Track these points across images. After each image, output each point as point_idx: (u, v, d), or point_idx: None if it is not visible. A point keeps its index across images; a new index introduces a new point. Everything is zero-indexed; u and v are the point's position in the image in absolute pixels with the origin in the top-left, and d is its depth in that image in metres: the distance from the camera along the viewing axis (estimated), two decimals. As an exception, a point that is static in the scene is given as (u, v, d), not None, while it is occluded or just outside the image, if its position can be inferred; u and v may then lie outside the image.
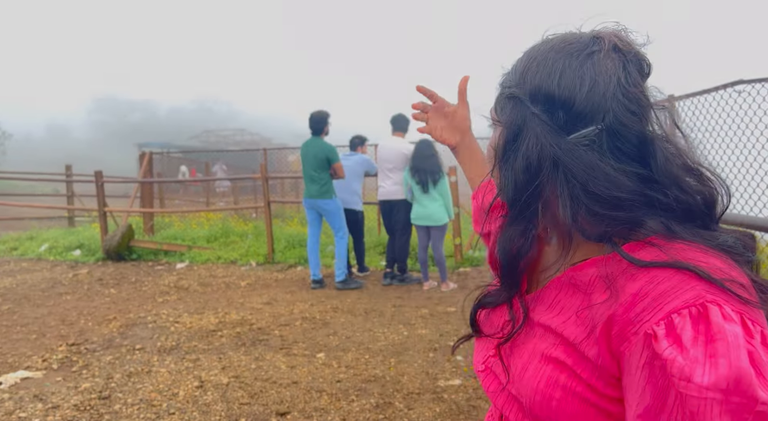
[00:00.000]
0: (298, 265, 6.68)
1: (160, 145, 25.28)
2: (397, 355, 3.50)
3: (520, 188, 0.61)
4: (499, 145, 0.64)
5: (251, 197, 15.10)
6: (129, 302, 4.92)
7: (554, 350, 0.59)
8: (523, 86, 0.62)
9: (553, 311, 0.62)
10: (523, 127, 0.61)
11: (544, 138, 0.59)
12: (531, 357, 0.61)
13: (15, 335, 3.95)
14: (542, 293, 0.65)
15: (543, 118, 0.59)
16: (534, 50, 0.64)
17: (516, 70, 0.65)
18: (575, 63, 0.59)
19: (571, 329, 0.58)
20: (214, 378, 3.10)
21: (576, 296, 0.60)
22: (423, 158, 5.25)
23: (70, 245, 7.89)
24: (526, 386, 0.60)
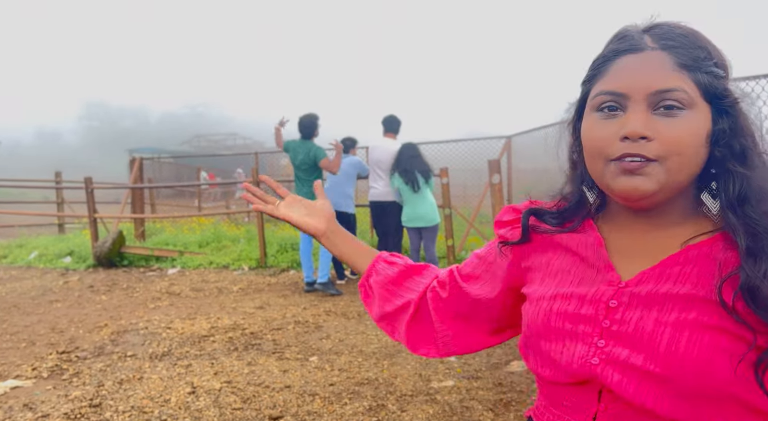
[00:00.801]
0: (290, 269, 6.66)
1: (151, 150, 25.16)
2: (390, 357, 3.50)
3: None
4: (711, 127, 0.68)
5: (243, 201, 15.05)
6: (120, 309, 4.89)
7: (709, 318, 0.62)
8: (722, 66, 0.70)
9: (687, 281, 0.66)
10: (734, 107, 0.70)
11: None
12: (677, 329, 0.63)
13: (4, 344, 3.91)
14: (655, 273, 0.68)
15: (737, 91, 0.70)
16: (694, 34, 0.70)
17: (705, 47, 0.68)
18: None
19: (711, 291, 0.63)
20: (206, 384, 3.08)
21: (711, 264, 0.65)
22: (409, 159, 5.28)
23: (60, 252, 7.83)
24: (682, 358, 0.61)
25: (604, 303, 0.69)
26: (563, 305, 0.73)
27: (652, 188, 0.64)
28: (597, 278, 0.72)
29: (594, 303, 0.70)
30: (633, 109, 0.65)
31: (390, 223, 5.68)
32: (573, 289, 0.73)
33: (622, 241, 0.74)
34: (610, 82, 0.67)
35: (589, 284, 0.72)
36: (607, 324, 0.68)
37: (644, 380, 0.63)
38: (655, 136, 0.64)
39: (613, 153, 0.65)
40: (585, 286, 0.73)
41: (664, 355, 0.62)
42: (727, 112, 0.65)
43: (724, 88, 0.66)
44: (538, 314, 0.75)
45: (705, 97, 0.65)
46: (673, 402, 0.62)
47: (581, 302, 0.71)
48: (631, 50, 0.67)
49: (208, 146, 38.22)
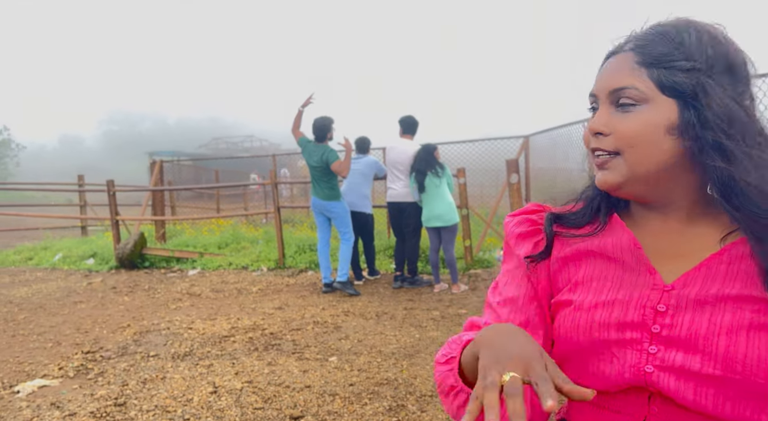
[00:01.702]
0: (308, 269, 6.71)
1: (170, 153, 25.49)
2: (409, 357, 3.50)
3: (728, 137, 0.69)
4: (680, 119, 0.68)
5: (261, 203, 15.19)
6: (142, 310, 4.97)
7: (763, 317, 0.62)
8: (702, 60, 0.68)
9: (735, 282, 0.65)
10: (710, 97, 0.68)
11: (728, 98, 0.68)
12: (734, 330, 0.62)
13: (31, 344, 4.00)
14: (700, 274, 0.67)
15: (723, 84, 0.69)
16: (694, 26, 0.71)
17: (680, 42, 0.68)
18: (730, 38, 0.71)
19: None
20: (227, 383, 3.12)
21: (753, 264, 0.64)
22: (419, 160, 5.34)
23: (83, 254, 7.98)
24: (744, 359, 0.60)
25: (651, 308, 0.67)
26: (605, 313, 0.70)
27: (617, 180, 0.69)
28: (638, 281, 0.70)
29: (640, 308, 0.68)
30: (600, 107, 0.71)
31: (408, 224, 5.68)
32: (614, 295, 0.70)
33: (653, 241, 0.73)
34: (592, 86, 0.74)
35: (630, 289, 0.70)
36: (657, 329, 0.66)
37: (702, 385, 0.62)
38: (612, 131, 0.69)
39: (590, 146, 0.73)
40: (626, 291, 0.70)
41: (724, 357, 0.61)
42: (693, 104, 0.65)
43: (691, 82, 0.65)
44: (578, 327, 0.71)
45: (664, 91, 0.66)
46: (735, 404, 0.61)
47: (625, 308, 0.69)
48: (612, 53, 0.72)
49: (226, 149, 38.60)
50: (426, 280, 5.80)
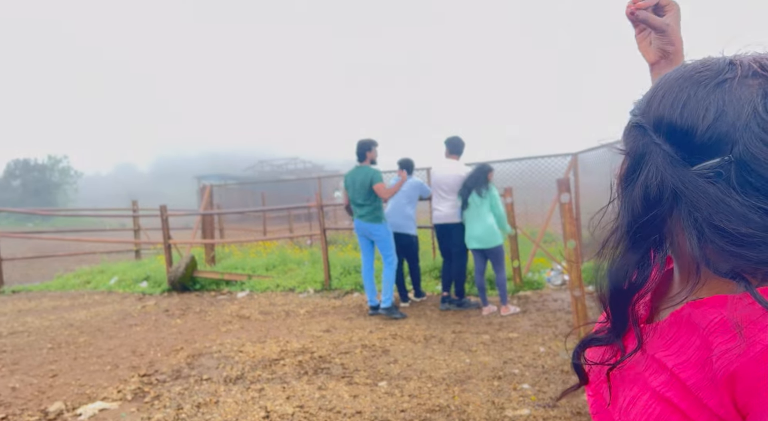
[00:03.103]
0: (354, 291, 6.71)
1: (217, 177, 26.28)
2: (461, 383, 3.43)
3: (637, 217, 0.60)
4: (621, 173, 0.65)
5: (306, 224, 15.39)
6: (194, 332, 5.07)
7: (667, 391, 0.56)
8: (648, 114, 0.61)
9: (669, 348, 0.59)
10: (644, 156, 0.60)
11: (664, 168, 0.57)
12: (641, 391, 0.59)
13: (91, 366, 4.14)
14: (660, 325, 0.62)
15: (664, 148, 0.58)
16: (665, 78, 0.63)
17: (644, 98, 0.64)
18: (702, 92, 0.57)
19: (689, 372, 0.55)
20: (279, 408, 3.12)
21: (695, 336, 0.57)
22: (470, 177, 5.34)
23: (137, 277, 8.25)
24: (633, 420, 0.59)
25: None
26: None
27: None
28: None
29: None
30: None
31: (455, 244, 5.62)
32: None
33: None
34: None
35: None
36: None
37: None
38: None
39: None
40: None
41: (624, 412, 0.61)
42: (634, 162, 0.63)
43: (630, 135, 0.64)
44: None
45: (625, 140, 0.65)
46: None
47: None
48: None
49: (271, 171, 39.49)
50: (474, 302, 5.70)
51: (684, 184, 0.56)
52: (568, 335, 4.27)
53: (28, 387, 3.68)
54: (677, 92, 0.59)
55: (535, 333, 4.58)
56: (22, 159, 36.81)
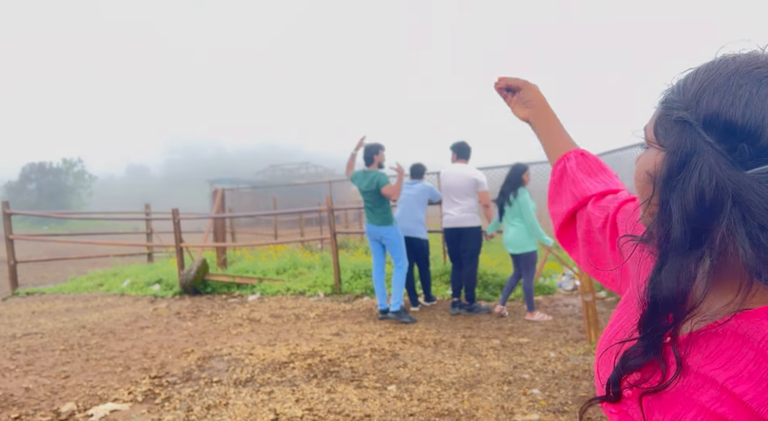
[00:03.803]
0: (364, 295, 6.71)
1: (229, 181, 26.45)
2: (470, 388, 3.41)
3: (690, 222, 0.55)
4: (661, 171, 0.59)
5: (316, 228, 15.44)
6: (205, 335, 5.10)
7: (719, 406, 0.53)
8: (696, 110, 0.57)
9: (716, 362, 0.56)
10: (691, 156, 0.56)
11: (720, 170, 0.53)
12: (685, 409, 0.56)
13: (103, 368, 4.18)
14: (699, 338, 0.58)
15: (718, 149, 0.54)
16: (712, 70, 0.59)
17: (686, 90, 0.60)
18: (764, 90, 0.54)
19: (744, 387, 0.52)
20: (288, 411, 3.13)
21: (746, 347, 0.54)
22: (505, 182, 5.28)
23: (149, 280, 8.32)
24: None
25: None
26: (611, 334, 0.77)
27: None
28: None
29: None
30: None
31: (465, 249, 5.61)
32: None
33: None
34: None
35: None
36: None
37: None
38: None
39: None
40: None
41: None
42: (677, 160, 0.58)
43: (670, 132, 0.59)
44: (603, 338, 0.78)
45: (657, 138, 0.62)
46: None
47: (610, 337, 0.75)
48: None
49: (282, 175, 39.70)
50: (484, 307, 5.67)
51: (740, 188, 0.52)
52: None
53: (40, 388, 3.72)
54: (735, 89, 0.55)
55: (546, 338, 4.55)
56: (37, 163, 37.34)
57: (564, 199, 0.99)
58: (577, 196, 0.95)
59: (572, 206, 0.95)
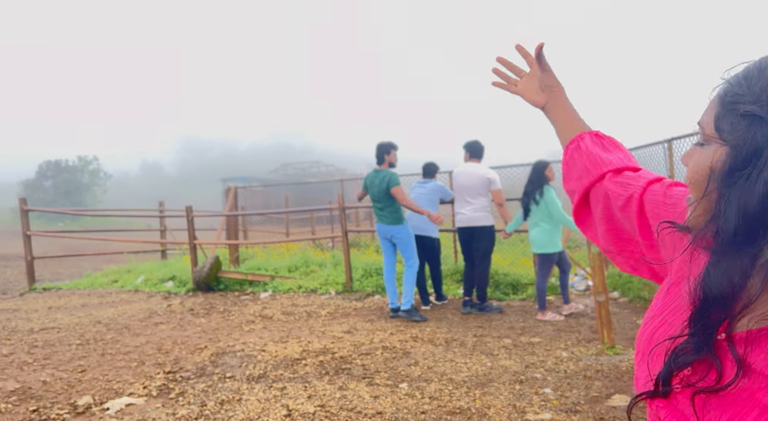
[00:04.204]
0: (375, 293, 6.73)
1: (242, 179, 26.62)
2: (482, 386, 3.42)
3: (749, 218, 0.54)
4: (722, 166, 0.58)
5: (327, 227, 15.49)
6: (218, 331, 5.15)
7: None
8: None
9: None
10: (764, 150, 0.55)
11: None
12: (746, 408, 0.55)
13: (118, 363, 4.24)
14: (761, 337, 0.56)
15: None
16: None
17: (752, 84, 0.58)
18: None
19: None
20: (300, 407, 3.16)
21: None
22: (528, 181, 5.26)
23: (163, 277, 8.41)
24: None
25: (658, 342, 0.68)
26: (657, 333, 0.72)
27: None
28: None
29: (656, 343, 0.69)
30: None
31: (478, 248, 5.60)
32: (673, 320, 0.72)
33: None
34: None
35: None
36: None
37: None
38: (685, 164, 0.66)
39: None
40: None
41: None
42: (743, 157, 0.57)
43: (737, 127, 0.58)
44: (642, 334, 0.75)
45: (721, 134, 0.60)
46: None
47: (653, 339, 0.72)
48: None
49: (295, 174, 39.87)
50: (496, 306, 5.66)
51: None
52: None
53: (58, 381, 3.78)
54: None
55: (558, 338, 4.53)
56: (53, 160, 37.84)
57: (578, 174, 0.96)
58: (593, 172, 0.93)
59: (590, 181, 0.92)
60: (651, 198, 0.81)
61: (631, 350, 4.07)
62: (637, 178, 0.86)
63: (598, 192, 0.91)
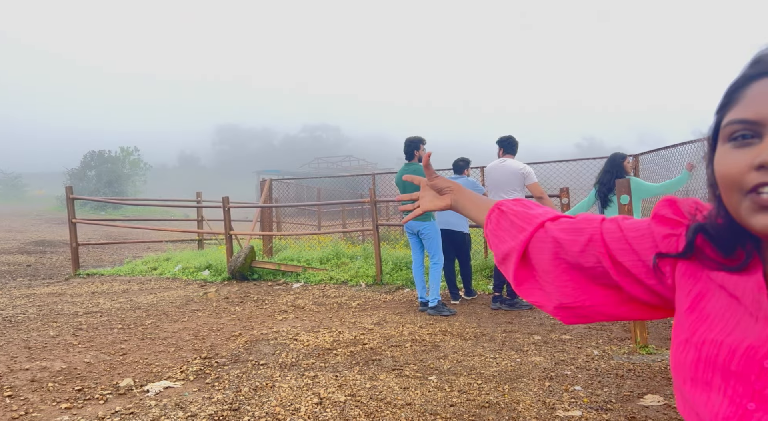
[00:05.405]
0: (405, 287, 6.78)
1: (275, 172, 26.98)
2: (511, 382, 3.42)
3: None
4: None
5: (358, 220, 15.60)
6: (252, 320, 5.29)
7: None
8: None
9: None
10: None
11: None
12: None
13: (157, 347, 4.40)
14: None
15: None
16: None
17: None
18: None
19: None
20: (331, 396, 3.23)
21: None
22: (603, 172, 5.11)
23: (200, 266, 8.64)
24: None
25: (757, 361, 0.61)
26: (712, 354, 0.65)
27: None
28: (753, 328, 0.64)
29: (746, 359, 0.62)
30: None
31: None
32: (724, 337, 0.66)
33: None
34: (743, 110, 0.63)
35: (742, 335, 0.64)
36: (759, 386, 0.60)
37: None
38: None
39: (747, 184, 0.60)
40: (737, 335, 0.65)
41: None
42: None
43: None
44: (685, 359, 0.69)
45: None
46: None
47: (732, 355, 0.64)
48: (765, 74, 0.62)
49: (327, 168, 40.20)
50: (526, 303, 5.63)
51: None
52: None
53: (101, 363, 3.96)
54: None
55: (589, 336, 4.49)
56: (97, 151, 39.11)
57: (512, 233, 0.92)
58: (527, 227, 0.90)
59: (528, 234, 0.89)
60: (610, 236, 0.80)
61: (664, 350, 4.00)
62: (585, 221, 0.84)
63: (540, 243, 0.87)
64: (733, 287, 0.68)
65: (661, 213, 0.78)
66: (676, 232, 0.75)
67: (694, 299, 0.71)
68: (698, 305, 0.71)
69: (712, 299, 0.70)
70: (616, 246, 0.79)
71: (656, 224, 0.78)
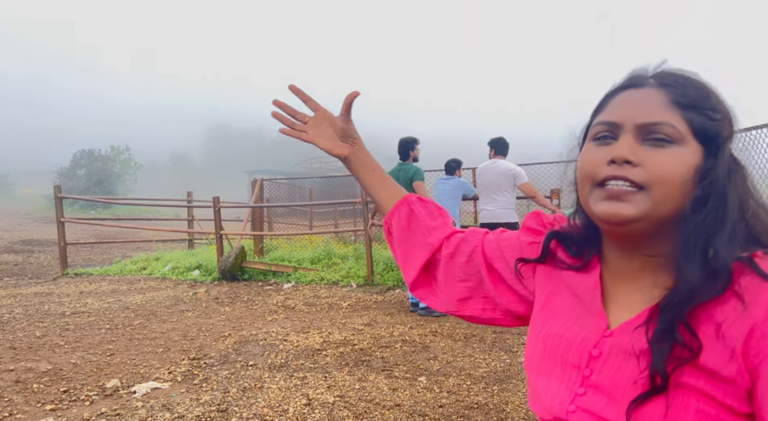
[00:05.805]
0: (396, 287, 6.77)
1: (267, 172, 26.89)
2: (500, 383, 3.42)
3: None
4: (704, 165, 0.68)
5: (350, 221, 15.57)
6: (242, 320, 5.26)
7: (697, 383, 0.59)
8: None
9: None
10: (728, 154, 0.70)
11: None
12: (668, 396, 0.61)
13: (145, 348, 4.37)
14: (638, 323, 0.66)
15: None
16: None
17: (704, 92, 0.69)
18: None
19: (710, 358, 0.59)
20: (320, 397, 3.21)
21: (709, 321, 0.61)
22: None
23: (190, 266, 8.59)
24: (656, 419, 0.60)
25: (587, 351, 0.70)
26: (554, 346, 0.74)
27: (633, 215, 0.65)
28: (588, 323, 0.72)
29: (579, 350, 0.71)
30: (623, 136, 0.68)
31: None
32: (565, 331, 0.74)
33: (616, 285, 0.73)
34: (608, 114, 0.71)
35: (579, 329, 0.73)
36: (587, 373, 0.68)
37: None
38: (641, 163, 0.65)
39: (599, 175, 0.68)
40: (575, 330, 0.73)
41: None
42: (714, 155, 0.66)
43: (716, 132, 0.66)
44: (533, 352, 0.77)
45: (696, 136, 0.66)
46: None
47: (569, 346, 0.72)
48: (632, 86, 0.71)
49: (320, 168, 40.14)
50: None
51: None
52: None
53: (87, 364, 3.92)
54: None
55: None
56: (87, 149, 38.80)
57: (420, 243, 0.96)
58: (430, 242, 0.95)
59: (430, 252, 0.94)
60: (488, 246, 0.90)
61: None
62: (472, 234, 0.94)
63: (439, 255, 0.94)
64: (576, 286, 0.77)
65: (527, 224, 0.89)
66: (538, 240, 0.85)
67: (546, 298, 0.80)
68: (548, 303, 0.80)
69: (560, 297, 0.78)
70: (492, 254, 0.89)
71: (523, 233, 0.89)
